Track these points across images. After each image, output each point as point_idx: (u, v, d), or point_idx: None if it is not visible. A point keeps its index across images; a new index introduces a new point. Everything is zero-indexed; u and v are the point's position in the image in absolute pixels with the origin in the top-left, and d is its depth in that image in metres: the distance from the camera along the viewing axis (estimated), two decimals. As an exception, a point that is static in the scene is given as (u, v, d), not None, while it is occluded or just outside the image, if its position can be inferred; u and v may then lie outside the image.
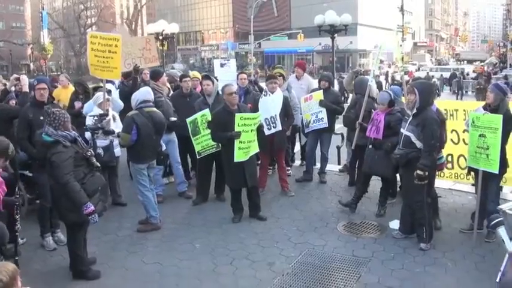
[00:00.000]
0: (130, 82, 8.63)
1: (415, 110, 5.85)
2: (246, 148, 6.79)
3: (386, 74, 38.12)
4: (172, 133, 7.91)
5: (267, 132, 7.55)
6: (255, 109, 7.58)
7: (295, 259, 5.78)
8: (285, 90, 8.52)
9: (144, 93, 6.72)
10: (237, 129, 6.71)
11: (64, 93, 10.57)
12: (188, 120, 7.65)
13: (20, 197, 6.62)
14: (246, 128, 6.72)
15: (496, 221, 2.36)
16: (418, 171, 5.72)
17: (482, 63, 58.27)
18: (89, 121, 7.00)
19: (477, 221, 6.11)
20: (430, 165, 5.78)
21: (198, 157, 7.72)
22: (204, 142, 7.59)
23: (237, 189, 7.11)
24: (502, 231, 2.33)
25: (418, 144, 5.83)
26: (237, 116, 6.76)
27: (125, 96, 7.81)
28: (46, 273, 5.54)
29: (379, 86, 18.99)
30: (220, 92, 7.67)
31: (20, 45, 64.45)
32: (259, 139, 7.07)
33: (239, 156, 6.78)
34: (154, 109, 6.75)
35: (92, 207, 5.01)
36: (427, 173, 5.74)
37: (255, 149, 6.94)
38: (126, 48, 8.36)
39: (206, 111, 7.47)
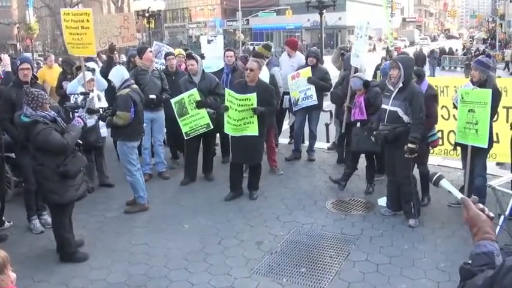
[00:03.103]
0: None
1: (401, 84, 5.78)
2: (234, 125, 6.71)
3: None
4: (158, 112, 7.82)
5: None
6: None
7: (283, 238, 5.76)
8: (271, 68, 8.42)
9: (126, 72, 6.68)
10: (226, 103, 6.72)
11: (49, 73, 10.48)
12: (173, 100, 7.48)
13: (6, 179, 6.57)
14: (232, 106, 6.64)
15: (435, 177, 2.33)
16: (410, 145, 5.71)
17: (471, 39, 58.23)
18: (72, 100, 6.89)
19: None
20: (420, 137, 5.78)
21: (185, 138, 7.62)
22: (192, 123, 7.44)
23: (234, 164, 7.07)
24: (444, 182, 2.30)
25: (406, 118, 5.79)
26: (226, 91, 6.78)
27: (103, 76, 7.68)
28: (33, 256, 5.48)
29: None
30: (205, 70, 7.63)
31: (6, 24, 63.06)
32: None
33: (227, 129, 6.84)
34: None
35: (80, 120, 5.33)
36: (417, 146, 5.74)
37: (250, 131, 6.70)
38: (102, 26, 8.16)
39: (194, 91, 7.31)
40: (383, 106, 5.98)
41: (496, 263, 1.82)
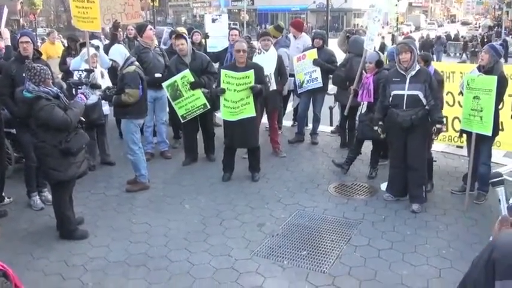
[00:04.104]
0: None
1: (418, 67, 5.76)
2: (232, 108, 6.61)
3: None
4: (161, 90, 7.70)
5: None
6: None
7: (285, 220, 5.73)
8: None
9: (125, 49, 6.63)
10: (222, 85, 6.60)
11: (53, 48, 10.47)
12: (165, 84, 7.34)
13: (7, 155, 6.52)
14: (230, 87, 6.55)
15: (497, 179, 2.27)
16: (438, 125, 5.77)
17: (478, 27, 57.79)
18: (75, 77, 6.82)
19: (469, 183, 6.06)
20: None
21: (182, 121, 7.53)
22: (188, 105, 7.32)
23: (229, 147, 7.01)
24: (500, 190, 2.24)
25: (424, 101, 5.75)
26: (222, 72, 6.63)
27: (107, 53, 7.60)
28: (33, 232, 5.46)
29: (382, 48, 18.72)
30: (195, 50, 7.58)
31: (10, -1, 62.63)
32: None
33: (224, 114, 6.71)
34: None
35: (82, 96, 5.27)
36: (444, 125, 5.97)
37: (247, 112, 6.64)
38: (106, 3, 8.04)
39: (186, 73, 7.18)
40: (397, 92, 5.82)
41: None
